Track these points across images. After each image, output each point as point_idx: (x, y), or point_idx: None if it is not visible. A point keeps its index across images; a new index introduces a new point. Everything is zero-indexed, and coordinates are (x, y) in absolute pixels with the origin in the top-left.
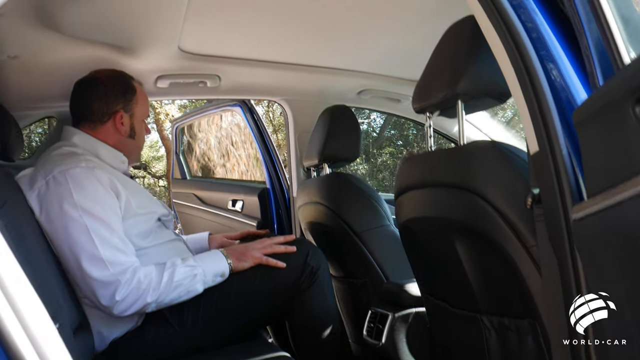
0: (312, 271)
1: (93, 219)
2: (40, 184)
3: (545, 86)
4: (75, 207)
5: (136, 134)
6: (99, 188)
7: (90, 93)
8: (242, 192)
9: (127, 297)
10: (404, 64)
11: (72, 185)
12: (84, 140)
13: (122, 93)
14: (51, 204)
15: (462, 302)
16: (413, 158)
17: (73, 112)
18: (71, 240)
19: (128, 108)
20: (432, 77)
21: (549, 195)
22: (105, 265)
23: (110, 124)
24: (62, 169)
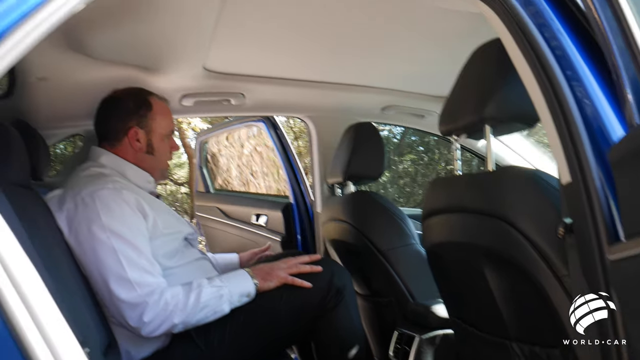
0: (337, 291)
1: (120, 241)
2: (69, 206)
3: (576, 113)
4: (103, 229)
5: (155, 150)
6: (126, 209)
7: (107, 111)
8: (266, 207)
9: (154, 318)
10: (429, 80)
11: (100, 207)
12: (111, 161)
13: (136, 109)
14: (79, 225)
15: (491, 327)
16: (441, 181)
17: (96, 131)
18: (99, 262)
19: (143, 124)
20: (459, 100)
21: (582, 227)
22: (133, 287)
23: (125, 140)
24: (90, 191)
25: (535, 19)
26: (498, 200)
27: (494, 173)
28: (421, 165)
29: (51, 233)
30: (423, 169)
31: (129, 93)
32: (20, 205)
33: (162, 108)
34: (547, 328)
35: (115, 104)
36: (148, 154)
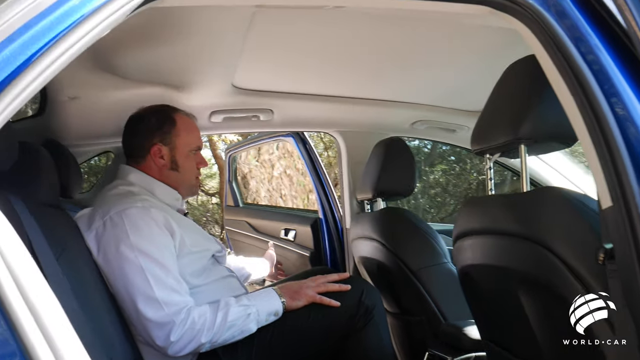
0: (366, 310)
1: (148, 260)
2: (98, 225)
3: (616, 132)
4: (131, 248)
5: (179, 167)
6: (154, 228)
7: (132, 128)
8: (295, 222)
9: (181, 337)
10: (461, 95)
11: (129, 226)
12: (140, 179)
13: (159, 126)
14: (108, 244)
15: (525, 351)
16: (474, 201)
17: (123, 149)
18: (127, 281)
19: (167, 141)
20: (492, 119)
21: (624, 253)
22: (161, 306)
23: (149, 157)
24: (118, 210)
25: (571, 33)
26: (534, 223)
27: (530, 194)
28: (452, 175)
29: (79, 253)
30: (454, 179)
31: (153, 110)
32: (49, 226)
33: (187, 124)
34: (585, 355)
35: (139, 121)
36: (172, 170)
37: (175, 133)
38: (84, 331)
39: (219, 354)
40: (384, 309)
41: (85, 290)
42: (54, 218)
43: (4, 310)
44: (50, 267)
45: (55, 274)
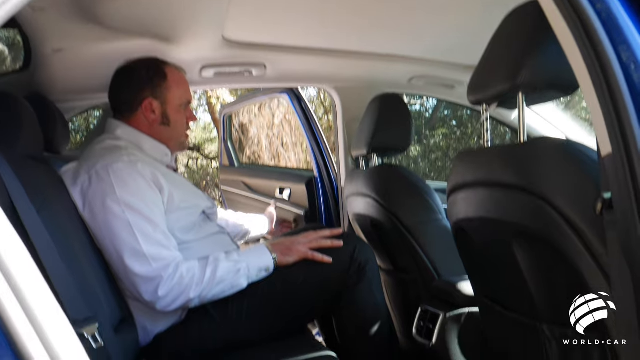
0: (359, 267)
1: (136, 215)
2: (84, 179)
3: (621, 78)
4: (117, 203)
5: (170, 121)
6: (141, 183)
7: (120, 82)
8: (289, 180)
9: (169, 292)
10: (460, 48)
11: (115, 180)
12: (127, 133)
13: (149, 79)
14: (94, 199)
15: (520, 307)
16: (468, 154)
17: (110, 103)
18: (114, 236)
19: (157, 94)
20: (490, 67)
21: (623, 201)
22: (148, 261)
23: (140, 112)
24: (104, 164)
25: None
26: (530, 174)
27: (526, 144)
28: (453, 139)
29: (63, 207)
30: (455, 144)
31: (142, 63)
32: (30, 178)
33: (177, 77)
34: None
35: (128, 74)
36: (163, 125)
37: (167, 86)
38: (66, 285)
39: (209, 310)
40: (377, 265)
41: (68, 245)
42: (36, 171)
43: None
44: (30, 220)
45: (35, 226)
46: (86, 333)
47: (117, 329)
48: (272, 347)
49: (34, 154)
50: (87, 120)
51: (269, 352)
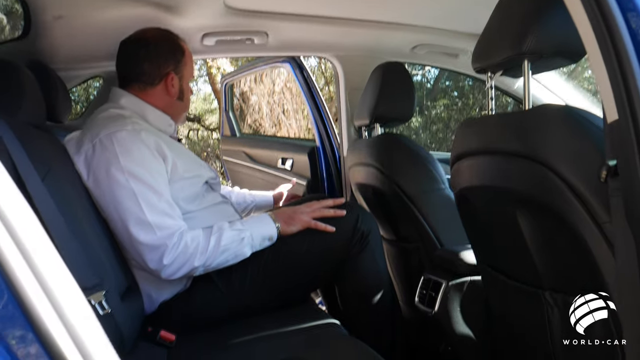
0: (362, 236)
1: (140, 183)
2: (87, 148)
3: (629, 43)
4: (121, 172)
5: (184, 96)
6: (145, 152)
7: (140, 53)
8: (291, 151)
9: (174, 261)
10: (463, 16)
11: (119, 149)
12: (132, 103)
13: (173, 54)
14: (98, 168)
15: (522, 275)
16: (472, 122)
17: (120, 73)
18: (118, 205)
19: (178, 70)
20: (495, 33)
21: (628, 168)
22: (153, 230)
23: (161, 86)
24: (108, 132)
25: None
26: (534, 141)
27: (530, 111)
28: (455, 110)
29: (67, 176)
30: (456, 115)
31: (161, 36)
32: (34, 147)
33: (189, 53)
34: (584, 278)
35: (148, 46)
36: (179, 99)
37: (184, 62)
38: (73, 252)
39: (213, 279)
40: (380, 234)
41: (72, 213)
42: (39, 139)
43: None
44: (36, 188)
45: (41, 195)
46: (93, 300)
47: (123, 296)
48: (275, 315)
49: (37, 122)
50: (86, 91)
51: (272, 320)
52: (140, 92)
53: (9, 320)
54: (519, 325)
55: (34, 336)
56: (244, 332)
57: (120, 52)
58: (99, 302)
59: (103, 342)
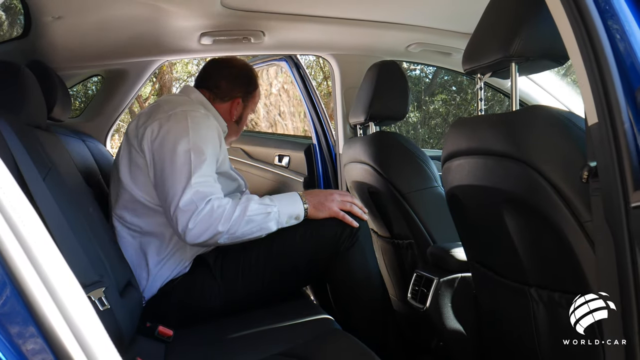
0: (351, 232)
1: (199, 158)
2: (162, 116)
3: (607, 49)
4: (188, 145)
5: (241, 122)
6: (212, 134)
7: (224, 72)
8: (288, 148)
9: (198, 224)
10: (456, 16)
11: (191, 124)
12: (201, 100)
13: (247, 84)
14: (168, 134)
15: (509, 272)
16: (462, 122)
17: (200, 78)
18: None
19: (246, 99)
20: (484, 36)
21: (607, 169)
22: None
23: (227, 105)
24: (184, 109)
25: None
26: (521, 143)
27: (518, 113)
28: (453, 105)
29: (68, 174)
30: (455, 110)
31: (246, 67)
32: (35, 146)
33: (259, 92)
34: (568, 275)
35: (232, 69)
36: (236, 122)
37: (253, 96)
38: (73, 249)
39: (211, 268)
40: (369, 231)
41: (73, 211)
42: (40, 139)
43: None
44: (37, 187)
45: (42, 193)
46: (93, 296)
47: (122, 292)
48: (270, 310)
49: (38, 121)
50: (85, 86)
51: (267, 315)
52: (209, 99)
53: (12, 315)
54: (507, 321)
55: (37, 330)
56: (239, 327)
57: (210, 64)
58: (99, 298)
59: (103, 337)
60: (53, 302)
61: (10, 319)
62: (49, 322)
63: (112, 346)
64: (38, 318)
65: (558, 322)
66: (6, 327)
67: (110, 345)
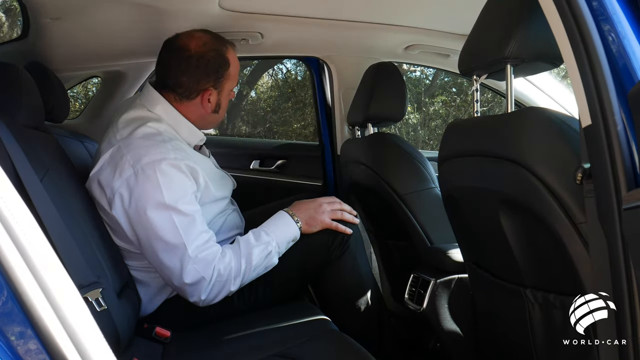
0: (342, 240)
1: (181, 216)
2: (129, 174)
3: (600, 51)
4: (165, 206)
5: (221, 109)
6: (186, 183)
7: (181, 66)
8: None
9: (211, 291)
10: (454, 17)
11: (162, 180)
12: (168, 114)
13: (215, 69)
14: (140, 198)
15: (505, 273)
16: (458, 124)
17: (158, 76)
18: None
19: (219, 84)
20: (480, 38)
21: (601, 171)
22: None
23: (197, 100)
24: (151, 161)
25: None
26: (516, 144)
27: (513, 115)
28: (453, 107)
29: (65, 176)
30: (455, 111)
31: (206, 48)
32: (33, 148)
33: (235, 63)
34: (563, 276)
35: (190, 60)
36: (214, 112)
37: (227, 76)
38: (71, 251)
39: None
40: (360, 234)
41: (70, 212)
42: (38, 140)
43: None
44: (34, 188)
45: (39, 195)
46: (90, 297)
47: (119, 293)
48: (268, 312)
49: (36, 123)
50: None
51: (265, 316)
52: (175, 102)
53: (9, 317)
54: (502, 322)
55: (33, 332)
56: (236, 328)
57: (161, 56)
58: (96, 299)
59: (99, 338)
60: (49, 304)
61: (6, 320)
62: (44, 323)
63: (107, 348)
64: (34, 319)
65: (553, 323)
66: (2, 328)
67: (106, 346)
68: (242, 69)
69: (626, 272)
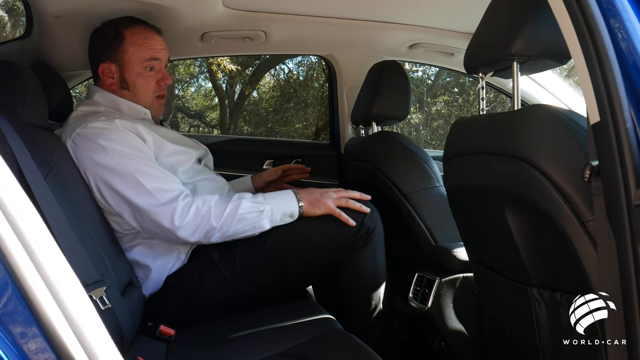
0: (367, 231)
1: (129, 160)
2: (72, 146)
3: (610, 47)
4: (109, 156)
5: (130, 86)
6: (124, 134)
7: (89, 47)
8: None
9: (187, 223)
10: (458, 15)
11: (99, 136)
12: (105, 98)
13: (106, 42)
14: (84, 160)
15: (511, 272)
16: (463, 122)
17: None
18: (117, 186)
19: (115, 58)
20: (486, 35)
21: (609, 169)
22: (154, 195)
23: (101, 77)
24: (84, 126)
25: None
26: (522, 142)
27: (518, 112)
28: (455, 107)
29: (69, 174)
30: (457, 111)
31: (105, 24)
32: (36, 146)
33: (138, 38)
34: (570, 275)
35: (92, 38)
36: (124, 89)
37: (123, 49)
38: (74, 249)
39: (217, 264)
40: (383, 231)
41: (74, 210)
42: (42, 138)
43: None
44: (38, 186)
45: (43, 193)
46: (94, 295)
47: (124, 292)
48: (272, 310)
49: (39, 122)
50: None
51: (269, 314)
52: (103, 86)
53: (14, 315)
54: (508, 321)
55: (39, 330)
56: (241, 326)
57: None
58: (100, 297)
59: (105, 336)
60: (54, 302)
61: (12, 318)
62: (50, 321)
63: (113, 346)
64: (39, 317)
65: (560, 322)
66: (8, 326)
67: (111, 344)
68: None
69: (635, 270)
